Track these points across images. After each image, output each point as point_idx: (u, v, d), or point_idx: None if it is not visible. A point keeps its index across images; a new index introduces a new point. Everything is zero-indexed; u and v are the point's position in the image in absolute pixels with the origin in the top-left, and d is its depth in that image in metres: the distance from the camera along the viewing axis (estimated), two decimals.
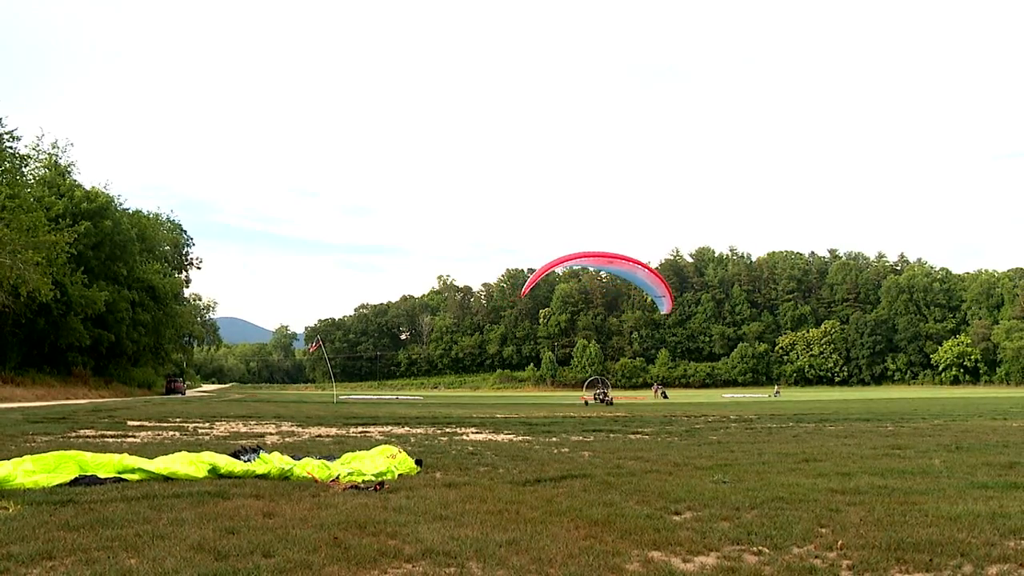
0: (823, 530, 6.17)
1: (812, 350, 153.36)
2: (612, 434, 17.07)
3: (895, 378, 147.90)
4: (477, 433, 17.20)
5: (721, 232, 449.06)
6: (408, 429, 18.58)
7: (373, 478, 8.63)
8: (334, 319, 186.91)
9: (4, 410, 27.63)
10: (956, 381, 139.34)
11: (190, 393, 75.11)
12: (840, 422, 22.01)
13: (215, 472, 8.80)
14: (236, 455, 9.58)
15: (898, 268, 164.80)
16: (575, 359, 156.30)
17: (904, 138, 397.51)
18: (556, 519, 6.53)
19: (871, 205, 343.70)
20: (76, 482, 8.07)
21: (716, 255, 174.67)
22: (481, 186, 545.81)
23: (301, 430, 17.65)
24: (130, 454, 9.45)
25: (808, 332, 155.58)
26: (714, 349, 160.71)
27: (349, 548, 5.34)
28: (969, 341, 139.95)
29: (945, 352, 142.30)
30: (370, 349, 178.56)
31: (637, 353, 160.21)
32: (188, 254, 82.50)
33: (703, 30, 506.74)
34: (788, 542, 5.74)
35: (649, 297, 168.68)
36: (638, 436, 16.47)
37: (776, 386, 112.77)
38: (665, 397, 71.67)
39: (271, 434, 16.33)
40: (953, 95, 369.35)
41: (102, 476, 8.34)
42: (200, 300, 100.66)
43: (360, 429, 18.29)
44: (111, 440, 14.11)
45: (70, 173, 57.78)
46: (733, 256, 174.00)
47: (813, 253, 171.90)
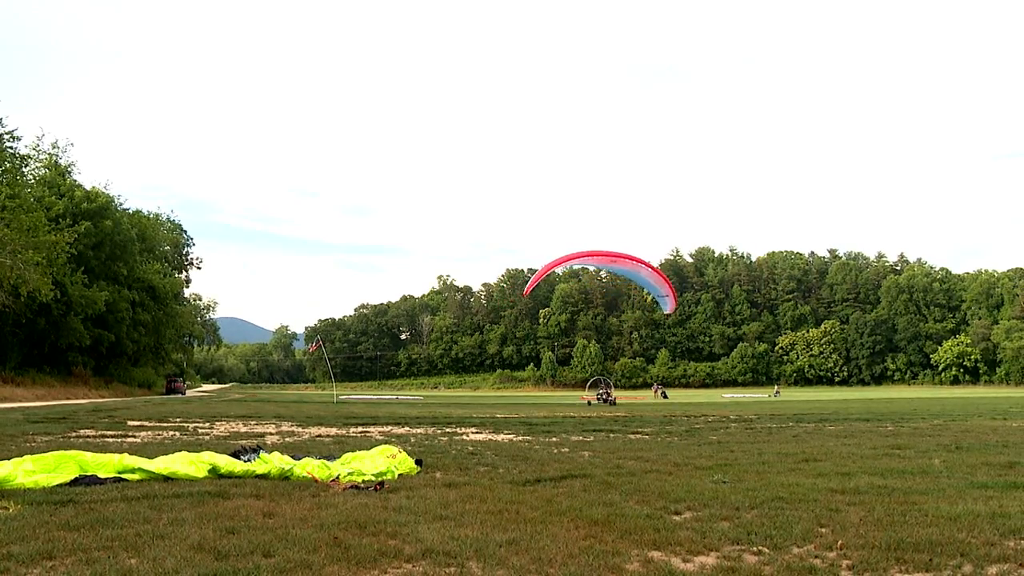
0: (823, 530, 6.18)
1: (812, 350, 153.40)
2: (612, 434, 17.07)
3: (895, 378, 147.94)
4: (477, 433, 17.20)
5: (721, 232, 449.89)
6: (408, 429, 18.58)
7: (373, 478, 8.63)
8: (334, 319, 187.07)
9: (4, 410, 27.63)
10: (956, 381, 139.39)
11: (190, 393, 75.11)
12: (840, 422, 22.01)
13: (215, 472, 8.80)
14: (236, 455, 9.58)
15: (898, 268, 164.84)
16: (575, 359, 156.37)
17: (904, 138, 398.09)
18: (556, 519, 6.53)
19: (871, 205, 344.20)
20: (76, 482, 8.08)
21: (716, 255, 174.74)
22: (481, 186, 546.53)
23: (301, 430, 17.65)
24: (130, 454, 9.46)
25: (808, 332, 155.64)
26: (714, 349, 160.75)
27: (349, 548, 5.35)
28: (969, 341, 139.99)
29: (945, 352, 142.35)
30: (370, 349, 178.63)
31: (637, 353, 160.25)
32: (188, 254, 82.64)
33: (703, 30, 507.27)
34: (788, 542, 5.75)
35: (649, 297, 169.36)
36: (638, 436, 16.47)
37: (776, 386, 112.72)
38: (665, 397, 71.65)
39: (271, 434, 16.34)
40: (953, 95, 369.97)
41: (102, 476, 8.34)
42: (200, 300, 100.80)
43: (360, 429, 18.29)
44: (111, 440, 14.12)
45: (70, 173, 57.81)
46: (733, 256, 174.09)
47: (813, 253, 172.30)
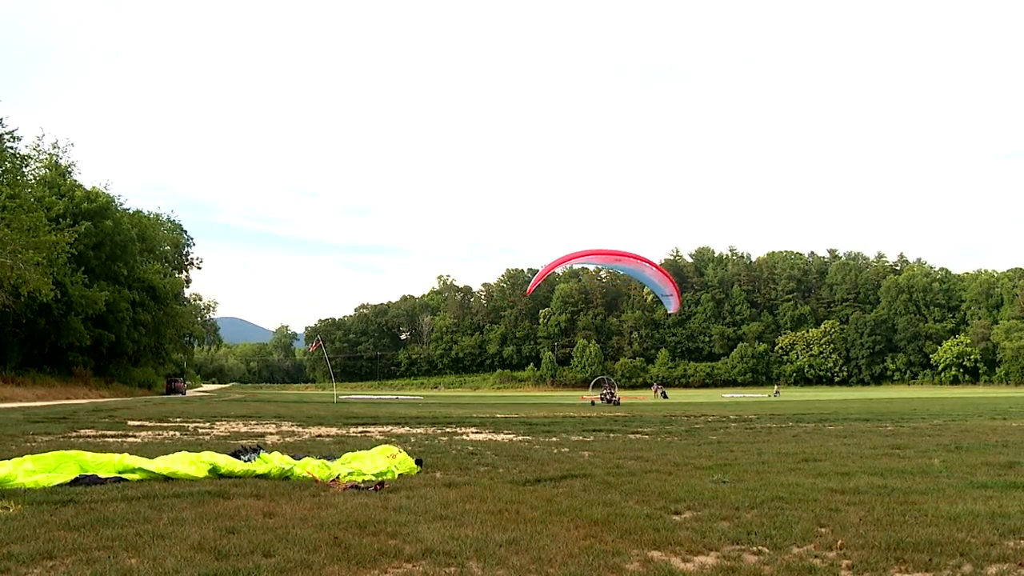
0: (823, 530, 6.18)
1: (812, 350, 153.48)
2: (612, 434, 17.07)
3: (895, 378, 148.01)
4: (477, 433, 17.21)
5: (721, 232, 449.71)
6: (408, 429, 18.58)
7: (373, 478, 8.64)
8: (334, 319, 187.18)
9: (5, 410, 27.64)
10: (955, 381, 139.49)
11: (190, 393, 75.18)
12: (840, 422, 22.01)
13: (215, 472, 8.80)
14: (236, 455, 9.58)
15: (898, 268, 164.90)
16: (575, 359, 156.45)
17: (904, 138, 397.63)
18: (556, 519, 6.54)
19: (871, 205, 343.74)
20: (76, 482, 8.08)
21: (716, 255, 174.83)
22: (481, 186, 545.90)
23: (301, 430, 17.66)
24: (130, 454, 9.46)
25: (808, 332, 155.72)
26: (714, 349, 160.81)
27: (349, 548, 5.35)
28: (968, 341, 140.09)
29: (944, 352, 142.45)
30: (370, 349, 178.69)
31: (637, 353, 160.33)
32: (188, 254, 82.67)
33: (703, 30, 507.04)
34: (788, 542, 5.75)
35: (650, 297, 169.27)
36: (638, 436, 16.47)
37: (776, 386, 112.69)
38: (665, 397, 71.65)
39: (271, 434, 16.34)
40: (953, 95, 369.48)
41: (102, 476, 8.34)
42: (200, 300, 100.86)
43: (360, 429, 18.29)
44: (111, 440, 14.12)
45: (70, 173, 57.83)
46: (733, 256, 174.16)
47: (813, 253, 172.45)
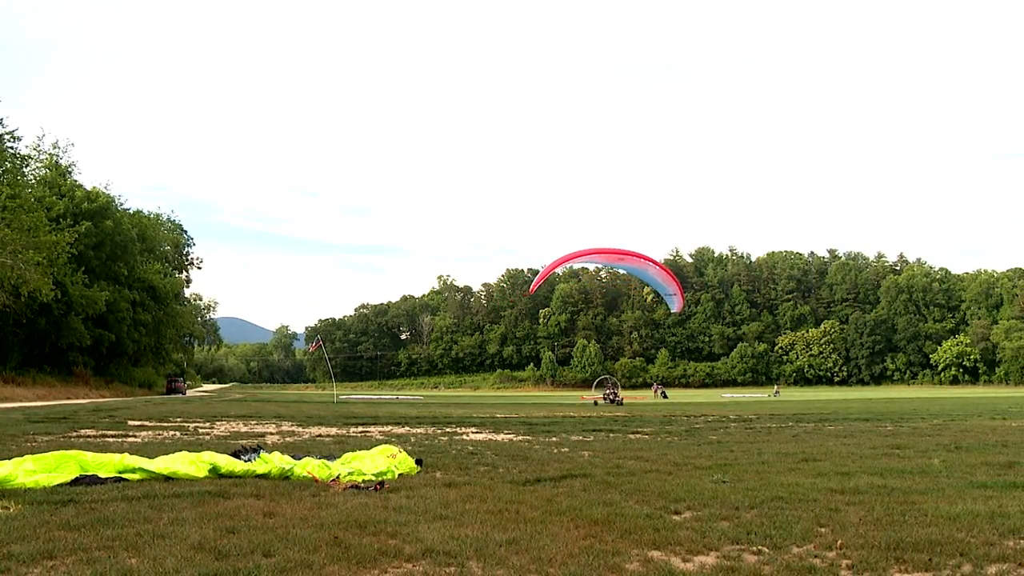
0: (822, 530, 6.18)
1: (811, 350, 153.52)
2: (612, 434, 17.07)
3: (894, 378, 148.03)
4: (477, 433, 17.21)
5: (721, 232, 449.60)
6: (408, 429, 18.58)
7: (373, 478, 8.64)
8: (334, 319, 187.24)
9: (5, 410, 27.64)
10: (955, 381, 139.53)
11: (191, 393, 75.14)
12: (839, 422, 22.01)
13: (216, 472, 8.81)
14: (237, 455, 9.58)
15: (897, 268, 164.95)
16: (575, 359, 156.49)
17: (904, 138, 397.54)
18: (556, 519, 6.54)
19: (871, 205, 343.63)
20: (77, 482, 8.08)
21: (716, 255, 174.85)
22: (481, 186, 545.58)
23: (301, 430, 17.66)
24: (131, 454, 9.46)
25: (807, 332, 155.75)
26: (714, 349, 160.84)
27: (349, 548, 5.36)
28: (968, 341, 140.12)
29: (944, 352, 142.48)
30: (370, 349, 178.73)
31: (637, 353, 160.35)
32: (188, 254, 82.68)
33: (703, 30, 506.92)
34: (788, 542, 5.75)
35: (649, 297, 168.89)
36: (638, 436, 16.48)
37: (776, 386, 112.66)
38: (665, 397, 71.62)
39: (271, 434, 16.34)
40: (953, 95, 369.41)
41: (103, 476, 8.35)
42: (201, 300, 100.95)
43: (360, 429, 18.29)
44: (112, 440, 14.12)
45: (71, 173, 57.79)
46: (733, 256, 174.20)
47: (812, 253, 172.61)
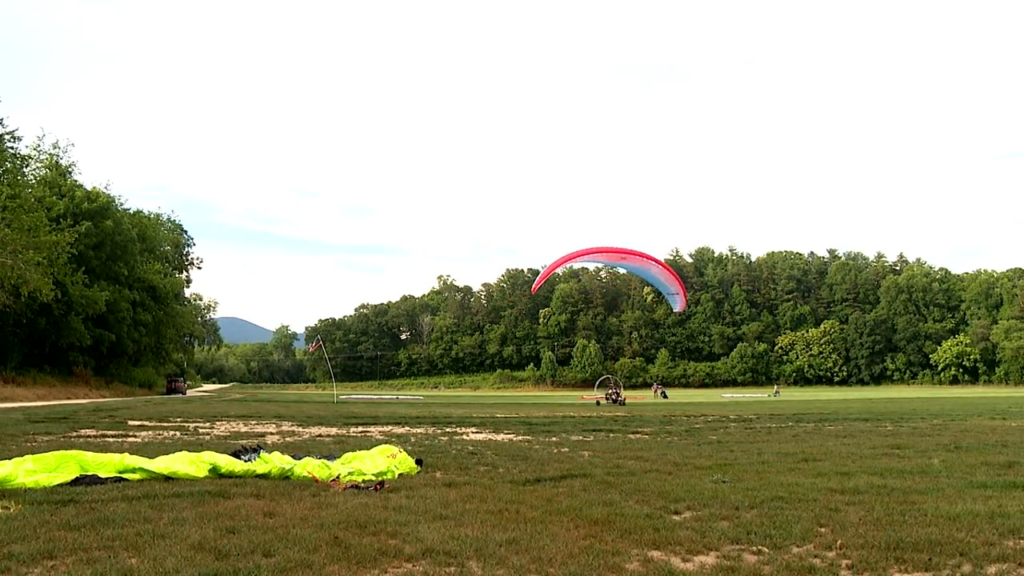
0: (822, 529, 6.19)
1: (811, 350, 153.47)
2: (612, 434, 17.07)
3: (894, 378, 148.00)
4: (477, 433, 17.21)
5: (721, 232, 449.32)
6: (408, 429, 18.58)
7: (373, 478, 8.65)
8: (334, 319, 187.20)
9: (5, 410, 27.64)
10: (955, 381, 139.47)
11: (191, 393, 75.16)
12: (839, 422, 22.02)
13: (216, 472, 8.81)
14: (237, 455, 9.59)
15: (897, 268, 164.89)
16: (575, 359, 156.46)
17: (904, 138, 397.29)
18: (556, 519, 6.55)
19: (871, 205, 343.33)
20: (77, 482, 8.08)
21: (716, 255, 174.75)
22: (481, 186, 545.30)
23: (302, 430, 17.66)
24: (131, 454, 9.47)
25: (807, 332, 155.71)
26: (714, 349, 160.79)
27: (349, 547, 5.36)
28: (968, 341, 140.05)
29: (944, 352, 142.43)
30: (370, 349, 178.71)
31: (637, 353, 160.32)
32: (189, 254, 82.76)
33: (703, 30, 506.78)
34: (787, 541, 5.76)
35: (649, 297, 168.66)
36: (638, 436, 16.48)
37: (775, 386, 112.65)
38: (665, 397, 71.60)
39: (272, 434, 16.35)
40: (953, 95, 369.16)
41: (103, 476, 8.35)
42: (201, 300, 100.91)
43: (360, 429, 18.29)
44: (112, 440, 14.12)
45: (71, 173, 57.81)
46: (732, 256, 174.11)
47: (812, 253, 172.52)
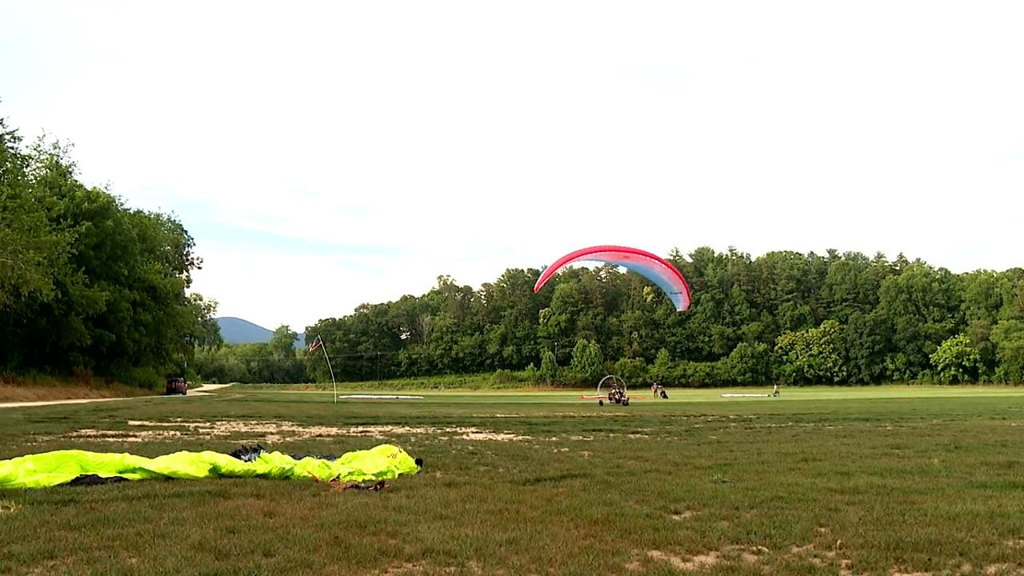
0: (822, 529, 6.19)
1: (811, 350, 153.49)
2: (612, 434, 17.09)
3: (894, 378, 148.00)
4: (477, 433, 17.22)
5: (720, 232, 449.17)
6: (408, 429, 18.59)
7: (373, 477, 8.65)
8: (334, 319, 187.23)
9: (5, 410, 27.64)
10: (955, 381, 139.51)
11: (191, 393, 75.18)
12: (839, 422, 22.03)
13: (216, 471, 8.82)
14: (237, 454, 9.59)
15: (897, 268, 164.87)
16: (575, 359, 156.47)
17: (904, 138, 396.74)
18: (556, 518, 6.55)
19: (870, 205, 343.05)
20: (77, 481, 8.09)
21: (715, 255, 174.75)
22: (481, 186, 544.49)
23: (302, 430, 17.67)
24: (131, 453, 9.47)
25: (807, 332, 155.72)
26: (713, 349, 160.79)
27: (350, 547, 5.36)
28: (968, 341, 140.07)
29: (944, 352, 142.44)
30: (370, 349, 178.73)
31: (637, 353, 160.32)
32: (189, 254, 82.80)
33: (703, 30, 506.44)
34: (787, 541, 5.76)
35: (649, 297, 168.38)
36: (638, 436, 16.49)
37: (775, 386, 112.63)
38: (664, 397, 71.62)
39: (272, 434, 16.36)
40: (953, 95, 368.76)
41: (103, 475, 8.36)
42: (201, 300, 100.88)
43: (360, 429, 18.30)
44: (112, 440, 14.13)
45: (71, 173, 57.84)
46: (732, 256, 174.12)
47: (812, 253, 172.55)
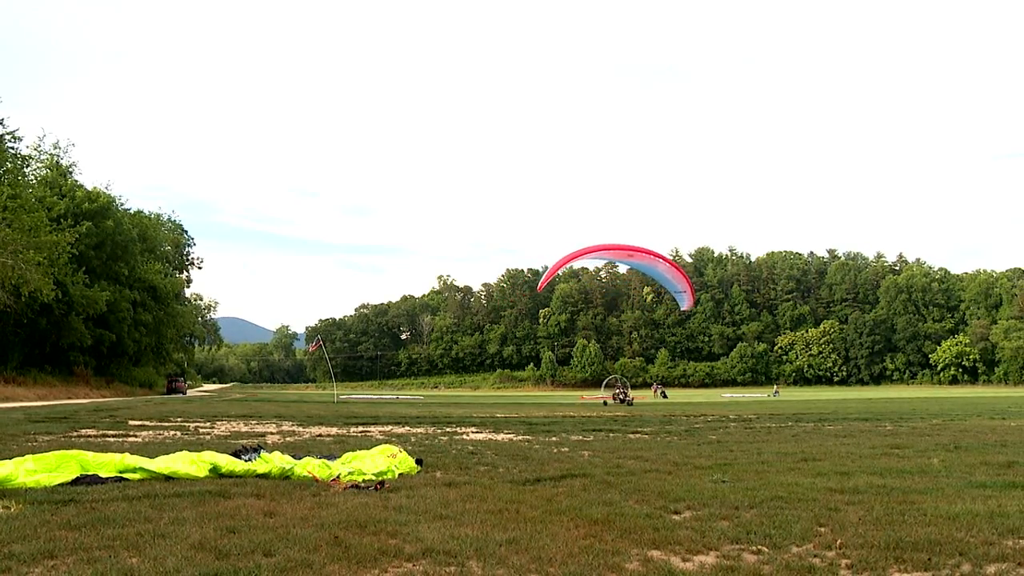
0: (822, 529, 6.19)
1: (811, 350, 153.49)
2: (612, 433, 17.09)
3: (894, 378, 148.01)
4: (477, 432, 17.22)
5: (720, 232, 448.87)
6: (408, 428, 18.60)
7: (374, 477, 8.65)
8: (335, 319, 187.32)
9: (6, 410, 27.65)
10: (954, 381, 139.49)
11: (191, 393, 75.20)
12: (839, 421, 22.03)
13: (216, 471, 8.82)
14: (237, 454, 9.60)
15: (897, 268, 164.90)
16: (575, 359, 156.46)
17: (904, 138, 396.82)
18: (556, 518, 6.55)
19: (870, 205, 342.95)
20: (77, 481, 8.09)
21: (715, 255, 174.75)
22: (481, 186, 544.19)
23: (302, 429, 17.67)
24: (131, 453, 9.48)
25: (807, 332, 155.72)
26: (713, 349, 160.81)
27: (350, 547, 5.37)
28: (967, 341, 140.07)
29: (944, 352, 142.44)
30: (371, 349, 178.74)
31: (637, 353, 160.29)
32: (189, 254, 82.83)
33: (703, 30, 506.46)
34: (787, 541, 5.76)
35: (649, 297, 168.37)
36: (638, 435, 16.50)
37: (775, 386, 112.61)
38: (664, 397, 71.60)
39: (272, 433, 16.36)
40: (953, 95, 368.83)
41: (103, 475, 8.36)
42: (201, 300, 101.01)
43: (361, 429, 18.31)
44: (112, 439, 14.14)
45: (71, 173, 57.87)
46: (732, 256, 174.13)
47: (812, 253, 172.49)
